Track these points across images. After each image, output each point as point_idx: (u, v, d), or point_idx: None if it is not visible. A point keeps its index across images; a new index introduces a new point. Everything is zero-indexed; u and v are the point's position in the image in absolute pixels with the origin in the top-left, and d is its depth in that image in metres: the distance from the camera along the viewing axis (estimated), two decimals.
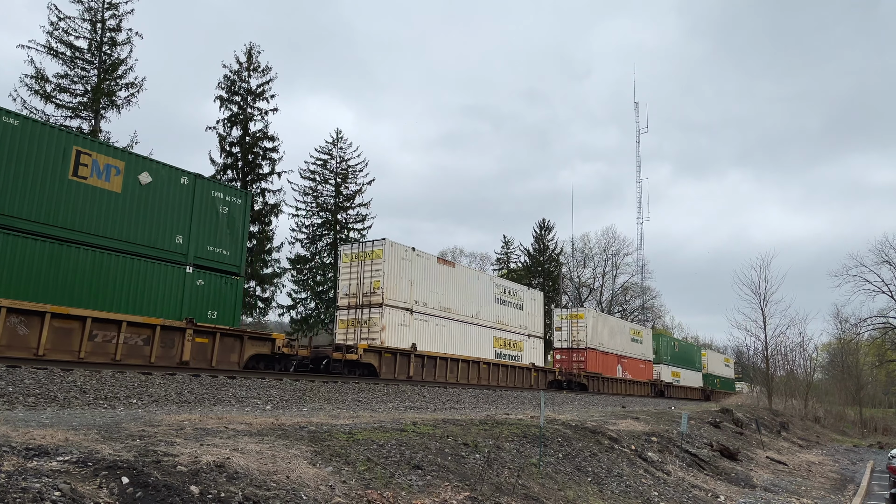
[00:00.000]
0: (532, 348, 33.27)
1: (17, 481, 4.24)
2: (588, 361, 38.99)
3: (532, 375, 32.14)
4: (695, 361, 60.21)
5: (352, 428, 8.96)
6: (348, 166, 49.28)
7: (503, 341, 30.93)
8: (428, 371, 24.70)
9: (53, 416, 8.02)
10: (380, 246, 24.26)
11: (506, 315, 31.56)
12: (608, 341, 42.13)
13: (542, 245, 69.86)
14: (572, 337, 40.17)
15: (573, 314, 40.87)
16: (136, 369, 14.26)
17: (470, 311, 28.44)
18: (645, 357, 48.11)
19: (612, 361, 42.26)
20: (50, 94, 31.83)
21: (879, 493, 17.03)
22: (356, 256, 24.75)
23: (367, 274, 24.29)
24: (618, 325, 45.73)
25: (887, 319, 48.30)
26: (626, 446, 13.77)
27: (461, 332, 27.59)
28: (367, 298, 24.08)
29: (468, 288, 28.82)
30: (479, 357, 28.22)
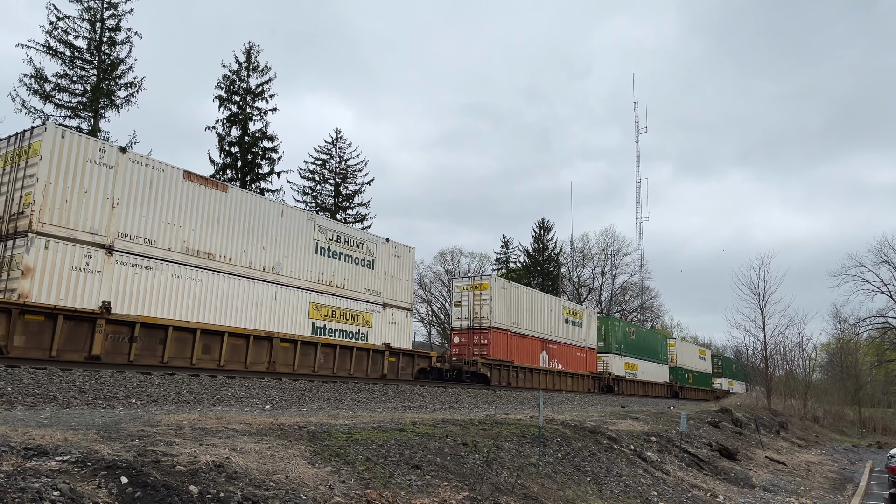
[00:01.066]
0: (390, 323, 24.62)
1: (17, 481, 4.24)
2: (492, 346, 29.84)
3: (386, 361, 23.54)
4: (658, 352, 51.97)
5: (351, 428, 8.96)
6: (347, 166, 49.29)
7: (331, 311, 21.97)
8: (145, 348, 16.02)
9: (52, 416, 8.01)
10: (38, 137, 15.06)
11: (339, 272, 22.63)
12: (527, 321, 33.40)
13: (542, 245, 69.87)
14: (474, 314, 30.72)
15: (475, 284, 31.25)
16: (135, 368, 14.26)
17: (261, 262, 19.76)
18: (586, 344, 39.78)
19: (533, 347, 33.62)
20: (49, 94, 31.82)
21: (878, 493, 17.04)
22: None
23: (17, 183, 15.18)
24: (542, 301, 36.22)
25: (886, 319, 48.30)
26: (626, 446, 13.78)
27: (238, 291, 18.78)
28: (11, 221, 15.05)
29: (256, 226, 19.82)
30: (273, 331, 19.45)
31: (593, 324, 41.98)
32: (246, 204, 19.69)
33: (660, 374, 51.50)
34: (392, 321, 24.91)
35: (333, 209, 47.88)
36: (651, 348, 50.78)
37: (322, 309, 21.72)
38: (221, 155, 39.87)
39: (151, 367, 15.28)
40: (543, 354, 34.76)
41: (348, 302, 22.92)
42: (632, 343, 47.35)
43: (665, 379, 52.25)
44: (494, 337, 30.26)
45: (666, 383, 52.00)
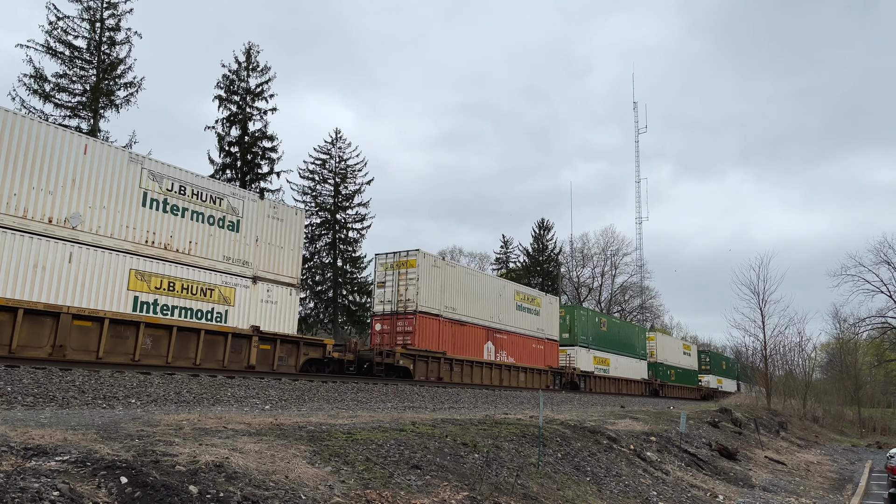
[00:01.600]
0: (264, 301, 19.79)
1: (16, 481, 4.23)
2: (418, 333, 25.09)
3: (254, 349, 18.63)
4: (635, 346, 47.44)
5: (351, 428, 8.96)
6: (347, 166, 49.28)
7: (168, 282, 17.16)
8: None
9: (52, 416, 8.01)
10: None
11: (182, 233, 17.85)
12: (467, 306, 28.53)
13: (542, 245, 69.88)
14: (398, 296, 25.74)
15: (401, 261, 26.02)
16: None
17: (47, 211, 15.07)
18: (545, 335, 34.89)
19: (474, 337, 28.85)
20: (49, 94, 31.82)
21: (878, 493, 17.04)
22: None
23: None
24: (488, 283, 30.85)
25: (886, 319, 48.36)
26: (625, 446, 13.78)
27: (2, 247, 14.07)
28: None
29: (39, 163, 15.06)
30: (62, 305, 14.65)
31: (554, 312, 36.68)
32: (21, 130, 14.74)
33: (636, 371, 46.69)
34: (267, 299, 19.98)
35: (333, 209, 47.89)
36: (626, 342, 46.01)
37: (152, 279, 16.83)
38: (221, 155, 39.88)
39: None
40: (489, 345, 29.65)
41: (196, 272, 17.98)
42: (603, 335, 42.56)
43: (643, 375, 47.50)
44: (421, 323, 25.39)
45: (643, 380, 47.31)
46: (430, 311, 26.17)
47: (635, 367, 46.61)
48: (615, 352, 43.71)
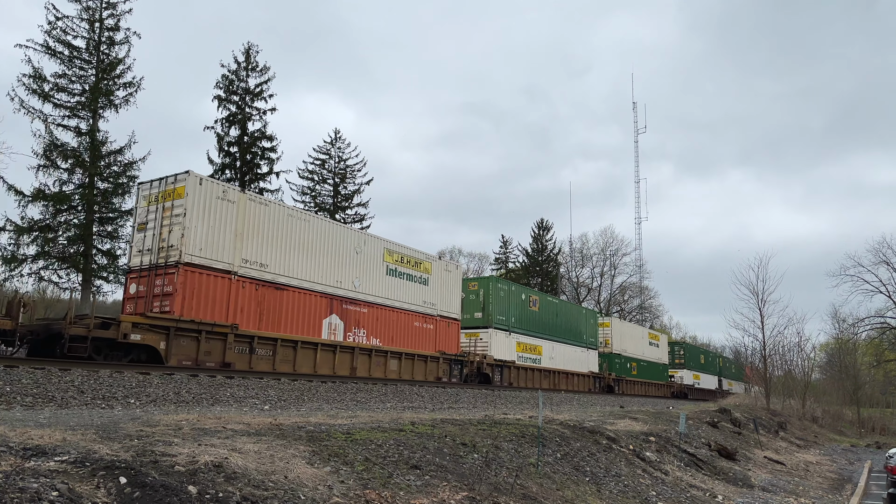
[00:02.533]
0: None
1: (15, 481, 4.23)
2: (181, 297, 17.13)
3: None
4: (581, 332, 39.68)
5: (350, 428, 8.96)
6: (346, 166, 49.30)
7: None
8: None
9: (51, 416, 8.01)
10: None
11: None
12: (290, 262, 20.30)
13: (541, 245, 69.91)
14: (161, 242, 17.84)
15: (167, 191, 18.10)
16: (134, 368, 14.26)
17: None
18: (437, 311, 26.64)
19: (307, 308, 20.74)
20: (48, 94, 31.80)
21: (877, 493, 17.05)
22: None
23: None
24: (332, 234, 22.21)
25: (885, 319, 48.37)
26: (625, 446, 13.79)
27: None
28: None
29: None
30: None
31: (453, 283, 28.23)
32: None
33: (582, 362, 39.07)
34: None
35: (332, 209, 47.90)
36: (568, 327, 38.18)
37: None
38: (220, 155, 39.88)
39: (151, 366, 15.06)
40: (332, 321, 21.52)
41: None
42: (532, 317, 34.40)
43: (591, 368, 40.28)
44: (190, 281, 17.39)
45: (592, 374, 39.96)
46: (208, 263, 17.87)
47: (581, 357, 38.94)
48: (551, 338, 35.78)
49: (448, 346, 27.33)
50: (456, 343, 28.02)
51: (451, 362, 27.01)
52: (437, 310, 26.93)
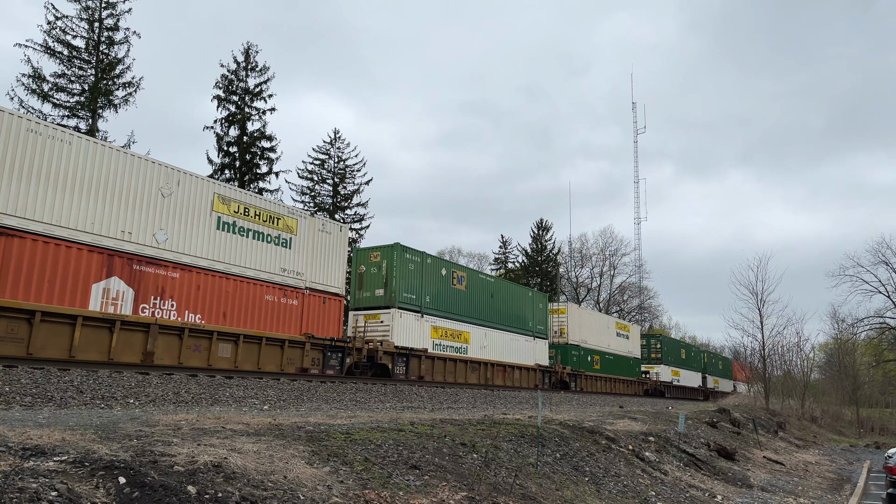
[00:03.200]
0: None
1: (14, 481, 4.23)
2: None
3: None
4: (525, 318, 33.49)
5: (349, 428, 8.96)
6: (346, 166, 49.31)
7: None
8: None
9: (50, 416, 8.01)
10: None
11: None
12: (25, 197, 14.37)
13: (540, 245, 69.95)
14: None
15: None
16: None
17: None
18: (312, 284, 21.41)
19: (63, 264, 14.98)
20: (47, 94, 31.82)
21: (876, 493, 17.06)
22: None
23: None
24: (110, 161, 16.15)
25: (884, 319, 48.49)
26: (624, 446, 13.79)
27: None
28: None
29: None
30: None
31: (336, 249, 22.63)
32: None
33: (526, 353, 32.63)
34: None
35: (332, 209, 47.91)
36: (508, 311, 31.81)
37: None
38: (220, 155, 39.89)
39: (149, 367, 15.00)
40: (111, 285, 15.90)
41: None
42: (457, 297, 28.23)
43: (539, 360, 33.82)
44: None
45: (540, 367, 33.42)
46: None
47: (525, 348, 32.50)
48: (484, 323, 29.63)
49: (323, 329, 21.47)
50: (337, 325, 22.23)
51: (327, 349, 20.86)
52: (306, 281, 21.09)
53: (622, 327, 47.17)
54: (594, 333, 41.52)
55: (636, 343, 48.59)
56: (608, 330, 43.96)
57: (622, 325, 47.82)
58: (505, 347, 31.12)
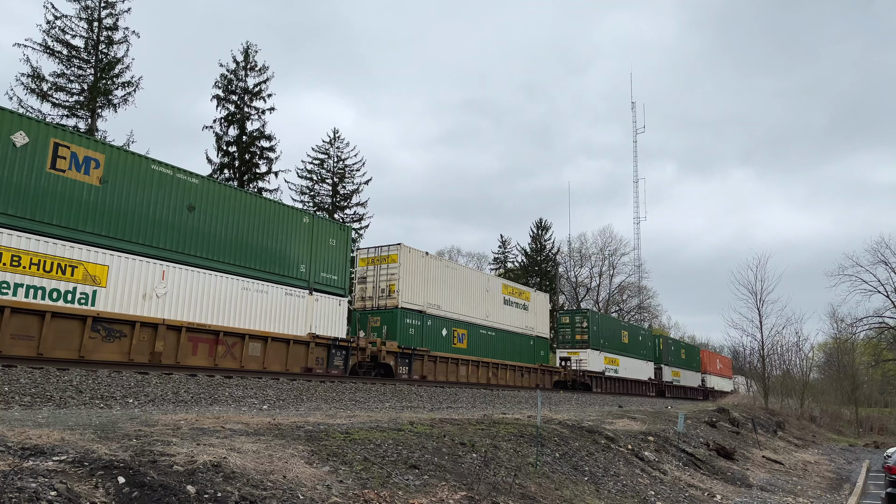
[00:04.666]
0: None
1: (13, 481, 4.23)
2: None
3: None
4: (287, 258, 20.48)
5: (349, 427, 8.96)
6: (345, 166, 49.30)
7: None
8: None
9: (49, 416, 8.00)
10: None
11: None
12: None
13: (540, 245, 69.96)
14: None
15: None
16: (133, 368, 14.25)
17: None
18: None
19: None
20: (46, 93, 31.80)
21: (875, 493, 17.08)
22: None
23: None
24: None
25: (883, 319, 48.47)
26: (623, 446, 13.80)
27: None
28: None
29: None
30: None
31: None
32: None
33: (290, 317, 20.13)
34: None
35: (331, 209, 47.90)
36: (255, 245, 19.49)
37: None
38: (219, 154, 39.89)
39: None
40: None
41: None
42: (132, 213, 16.23)
43: (320, 329, 21.26)
44: None
45: (319, 340, 21.03)
46: None
47: (290, 307, 20.21)
48: (204, 265, 17.96)
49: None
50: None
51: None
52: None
53: (515, 293, 33.96)
54: (458, 297, 28.86)
55: (541, 317, 36.09)
56: (487, 295, 31.17)
57: (515, 289, 34.27)
58: (246, 307, 18.85)
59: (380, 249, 26.61)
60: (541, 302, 36.66)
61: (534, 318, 35.18)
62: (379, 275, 26.28)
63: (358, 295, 26.74)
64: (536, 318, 35.45)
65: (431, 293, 27.34)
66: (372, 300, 26.24)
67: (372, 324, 25.11)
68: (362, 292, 26.64)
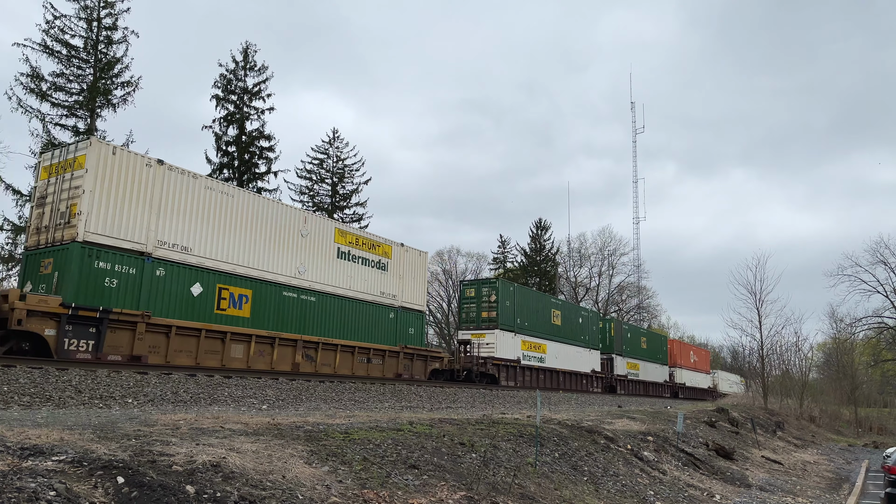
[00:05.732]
0: None
1: (13, 481, 4.23)
2: None
3: None
4: None
5: (348, 427, 8.96)
6: (345, 166, 49.29)
7: None
8: None
9: (49, 416, 8.00)
10: None
11: None
12: None
13: (539, 245, 69.95)
14: None
15: None
16: (132, 368, 14.24)
17: None
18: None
19: None
20: (45, 93, 31.75)
21: (874, 493, 17.09)
22: None
23: None
24: None
25: (882, 319, 48.50)
26: (622, 446, 13.80)
27: None
28: None
29: None
30: None
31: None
32: None
33: None
34: None
35: (330, 209, 47.89)
36: None
37: None
38: (218, 154, 39.85)
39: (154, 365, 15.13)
40: None
41: None
42: None
43: None
44: None
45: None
46: None
47: None
48: None
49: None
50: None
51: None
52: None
53: (364, 245, 24.34)
54: (234, 239, 19.52)
55: (412, 282, 26.41)
56: (304, 242, 22.00)
57: (364, 240, 24.56)
58: None
59: (66, 151, 16.92)
60: (412, 262, 26.57)
61: (397, 283, 25.61)
62: (60, 190, 16.47)
63: (33, 226, 16.90)
64: (403, 283, 25.87)
65: (168, 225, 17.69)
66: (48, 231, 16.43)
67: (43, 270, 16.20)
68: (38, 221, 16.80)
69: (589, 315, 41.48)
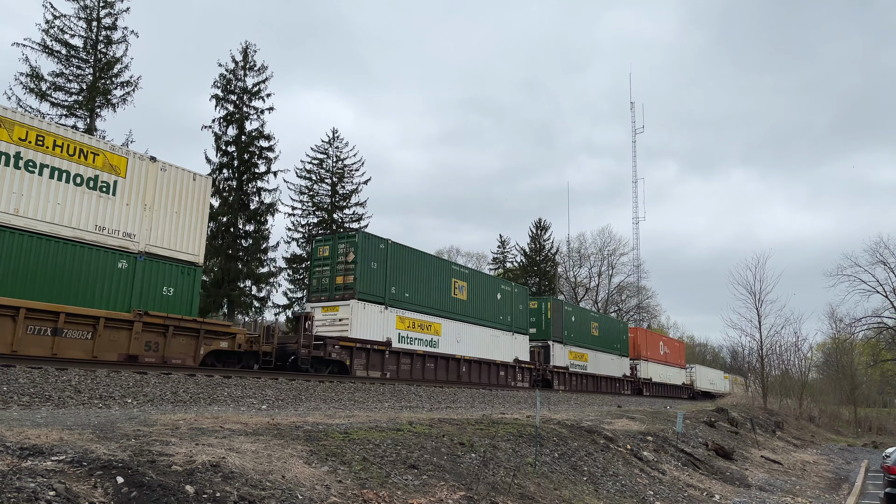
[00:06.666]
0: None
1: (12, 481, 4.22)
2: None
3: None
4: None
5: (348, 427, 8.96)
6: (344, 166, 49.26)
7: None
8: None
9: (48, 416, 7.99)
10: None
11: None
12: None
13: (539, 245, 69.95)
14: None
15: None
16: (131, 367, 14.23)
17: None
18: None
19: None
20: (45, 93, 31.74)
21: (874, 493, 17.09)
22: None
23: None
24: None
25: (881, 319, 48.53)
26: (622, 446, 13.80)
27: None
28: None
29: None
30: None
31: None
32: None
33: None
34: None
35: (330, 209, 47.88)
36: None
37: None
38: (218, 154, 39.81)
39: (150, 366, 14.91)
40: None
41: None
42: None
43: None
44: None
45: None
46: None
47: None
48: None
49: None
50: None
51: None
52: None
53: (70, 151, 15.63)
54: None
55: (181, 220, 17.88)
56: None
57: (69, 142, 15.67)
58: None
59: None
60: (174, 187, 17.95)
61: (138, 215, 16.92)
62: None
63: None
64: (151, 217, 17.20)
65: None
66: None
67: None
68: None
69: (514, 291, 32.72)
